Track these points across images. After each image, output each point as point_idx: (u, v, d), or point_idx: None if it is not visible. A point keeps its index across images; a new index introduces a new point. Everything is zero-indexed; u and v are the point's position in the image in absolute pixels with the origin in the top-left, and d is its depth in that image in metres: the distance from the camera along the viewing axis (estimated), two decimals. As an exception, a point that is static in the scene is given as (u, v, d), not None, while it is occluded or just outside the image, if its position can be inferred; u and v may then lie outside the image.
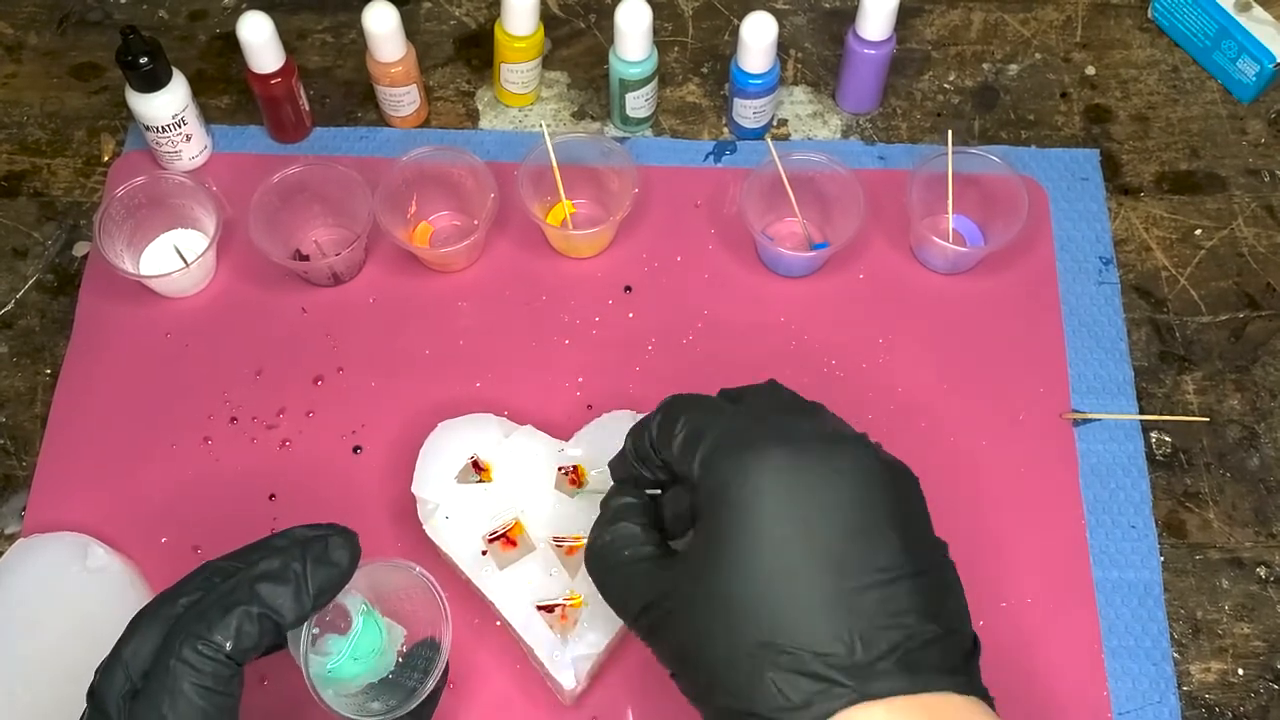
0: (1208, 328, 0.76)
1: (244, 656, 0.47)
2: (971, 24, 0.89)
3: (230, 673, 0.46)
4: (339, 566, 0.49)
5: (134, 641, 0.47)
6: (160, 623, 0.47)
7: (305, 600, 0.48)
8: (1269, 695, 0.66)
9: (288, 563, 0.48)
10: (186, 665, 0.45)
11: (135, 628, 0.47)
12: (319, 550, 0.49)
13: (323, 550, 0.49)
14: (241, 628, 0.46)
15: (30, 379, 0.75)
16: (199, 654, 0.45)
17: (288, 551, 0.48)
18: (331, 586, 0.49)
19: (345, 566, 0.49)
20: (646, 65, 0.78)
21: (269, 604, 0.47)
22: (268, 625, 0.47)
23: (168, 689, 0.45)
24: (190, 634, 0.46)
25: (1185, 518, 0.70)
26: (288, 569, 0.48)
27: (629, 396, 0.73)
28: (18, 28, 0.89)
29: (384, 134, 0.83)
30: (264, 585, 0.47)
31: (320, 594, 0.48)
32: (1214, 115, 0.84)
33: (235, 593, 0.47)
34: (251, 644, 0.46)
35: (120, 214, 0.75)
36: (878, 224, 0.78)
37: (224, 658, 0.46)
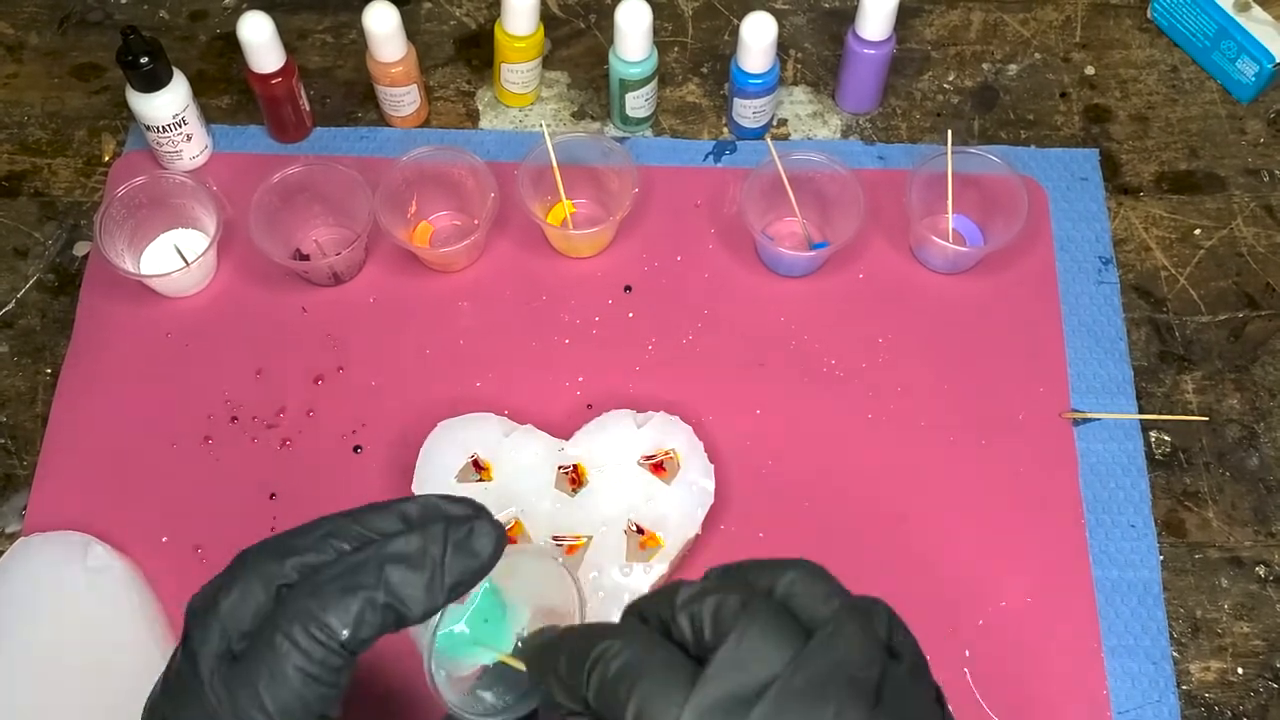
0: (1207, 327, 0.76)
1: (360, 647, 0.41)
2: (971, 24, 0.89)
3: (341, 663, 0.41)
4: (480, 558, 0.43)
5: (235, 595, 0.41)
6: (266, 581, 0.42)
7: (438, 593, 0.42)
8: (1268, 694, 0.66)
9: (426, 546, 0.42)
10: (296, 647, 0.40)
11: (235, 579, 0.42)
12: (461, 536, 0.42)
13: (466, 537, 0.42)
14: (363, 616, 0.40)
15: (31, 378, 0.75)
16: (311, 637, 0.40)
17: (426, 532, 0.42)
18: (470, 580, 0.42)
19: (487, 559, 0.43)
20: (646, 65, 0.78)
21: (398, 593, 0.41)
22: (391, 617, 0.41)
23: (269, 667, 0.40)
24: (304, 612, 0.40)
25: (1185, 517, 0.70)
26: (425, 554, 0.42)
27: (629, 396, 0.73)
28: (19, 28, 0.89)
29: (384, 134, 0.83)
30: (395, 570, 0.41)
31: (456, 587, 0.42)
32: (1213, 115, 0.85)
33: (361, 572, 0.41)
34: (371, 634, 0.41)
35: (121, 214, 0.75)
36: (877, 224, 0.78)
37: (338, 646, 0.40)
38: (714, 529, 0.68)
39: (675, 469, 0.66)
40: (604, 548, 0.64)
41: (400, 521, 0.43)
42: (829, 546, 0.68)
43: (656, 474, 0.66)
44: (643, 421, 0.68)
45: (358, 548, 0.42)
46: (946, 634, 0.66)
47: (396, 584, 0.41)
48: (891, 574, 0.68)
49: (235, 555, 0.43)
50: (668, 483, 0.66)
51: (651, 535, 0.64)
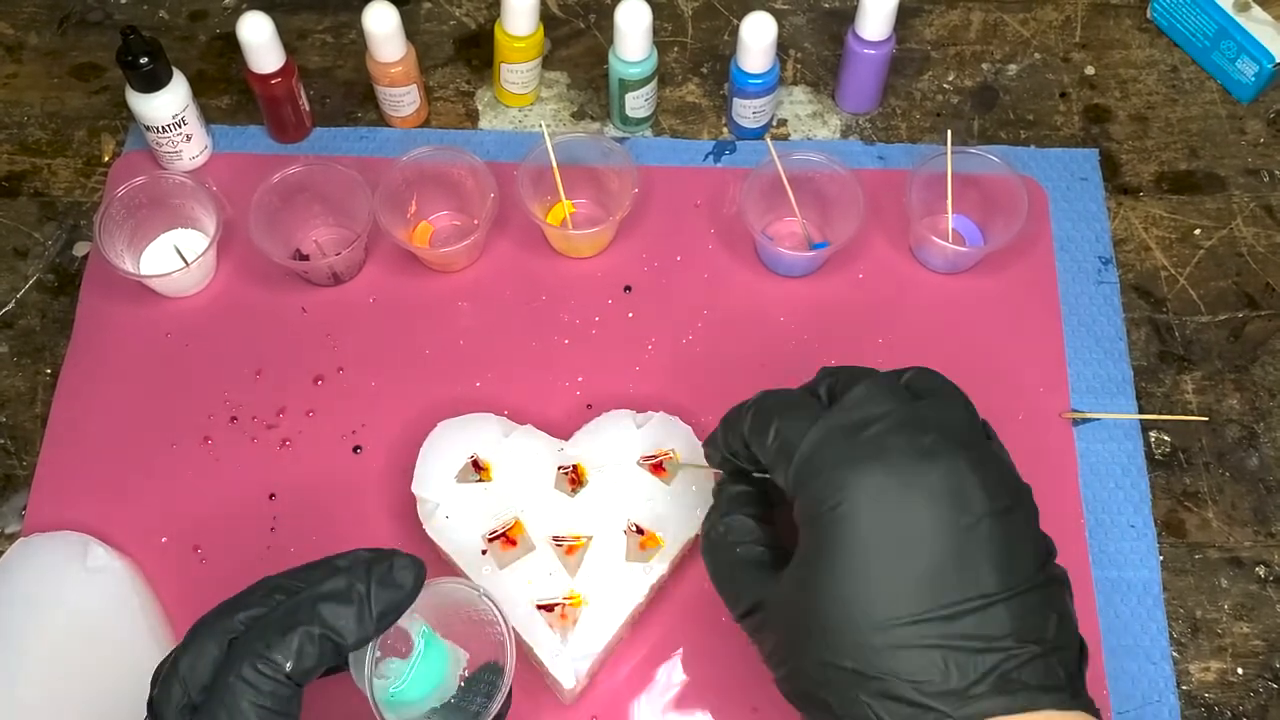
0: (1207, 327, 0.76)
1: (304, 677, 0.46)
2: (971, 24, 0.89)
3: (290, 693, 0.46)
4: (403, 589, 0.48)
5: (191, 654, 0.46)
6: (218, 637, 0.47)
7: (368, 622, 0.47)
8: (1268, 694, 0.66)
9: (351, 583, 0.47)
10: (246, 684, 0.45)
11: (192, 640, 0.47)
12: (383, 571, 0.48)
13: (387, 571, 0.48)
14: (303, 648, 0.46)
15: (30, 379, 0.75)
16: (259, 673, 0.45)
17: (351, 571, 0.48)
18: (395, 608, 0.48)
19: (409, 588, 0.48)
20: (646, 65, 0.78)
21: (331, 625, 0.46)
22: (328, 647, 0.46)
23: (226, 707, 0.45)
24: (250, 652, 0.45)
25: (1184, 517, 0.70)
26: (351, 589, 0.47)
27: (629, 396, 0.73)
28: (18, 28, 0.89)
29: (384, 134, 0.83)
30: (326, 605, 0.47)
31: (384, 616, 0.48)
32: (1213, 115, 0.85)
33: (297, 612, 0.46)
34: (312, 664, 0.46)
35: (120, 214, 0.75)
36: (877, 224, 0.78)
37: (284, 678, 0.45)
38: (714, 529, 0.68)
39: (675, 469, 0.66)
40: (604, 548, 0.63)
41: (331, 570, 0.49)
42: (829, 546, 0.68)
43: (656, 474, 0.66)
44: (642, 421, 0.68)
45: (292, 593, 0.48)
46: (946, 634, 0.66)
47: (328, 617, 0.46)
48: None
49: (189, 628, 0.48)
50: (667, 483, 0.66)
51: (651, 535, 0.64)
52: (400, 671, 0.50)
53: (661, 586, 0.65)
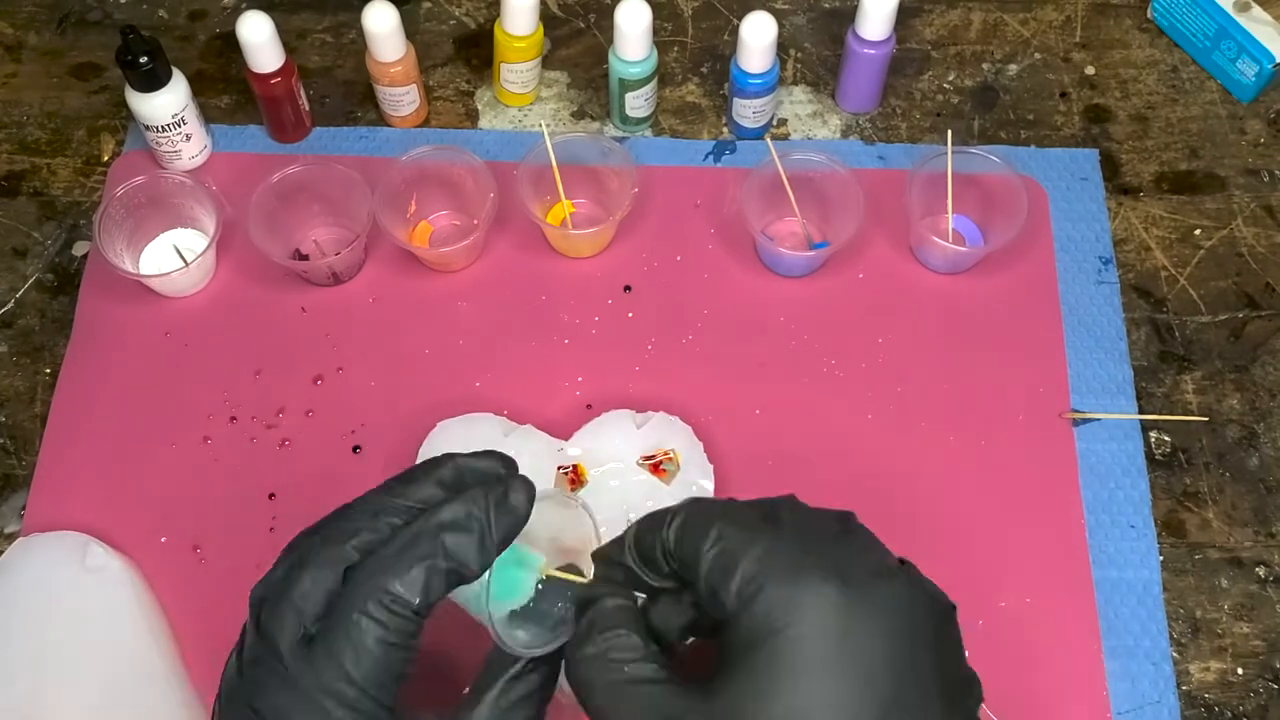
0: (1207, 327, 0.76)
1: (428, 611, 0.45)
2: (971, 24, 0.89)
3: (415, 627, 0.45)
4: (518, 514, 0.47)
5: (304, 582, 0.45)
6: (329, 565, 0.45)
7: (490, 550, 0.46)
8: (1268, 695, 0.66)
9: (471, 511, 0.46)
10: (373, 620, 0.44)
11: (305, 566, 0.46)
12: (500, 495, 0.47)
13: (504, 496, 0.47)
14: (430, 582, 0.45)
15: (30, 378, 0.75)
16: (386, 609, 0.44)
17: (469, 497, 0.47)
18: (513, 533, 0.47)
19: (524, 511, 0.47)
20: (646, 65, 0.78)
21: (456, 557, 0.45)
22: (453, 579, 0.46)
23: (352, 642, 0.44)
24: (376, 587, 0.44)
25: (1184, 517, 0.70)
26: (472, 518, 0.46)
27: (629, 396, 0.73)
28: (18, 27, 0.89)
29: (384, 134, 0.83)
30: (450, 536, 0.45)
31: (503, 542, 0.47)
32: (1213, 115, 0.84)
33: (420, 543, 0.45)
34: (438, 597, 0.45)
35: (120, 213, 0.75)
36: (877, 224, 0.78)
37: (411, 613, 0.45)
38: (714, 529, 0.68)
39: (675, 469, 0.66)
40: (604, 548, 0.63)
41: (439, 488, 0.48)
42: (829, 547, 0.68)
43: (656, 474, 0.66)
44: (642, 421, 0.68)
45: (408, 521, 0.46)
46: (946, 634, 0.66)
47: (453, 549, 0.45)
48: (891, 574, 0.68)
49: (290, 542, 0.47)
50: (667, 483, 0.65)
51: (651, 535, 0.64)
52: None
53: (661, 587, 0.65)
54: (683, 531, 0.45)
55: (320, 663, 0.44)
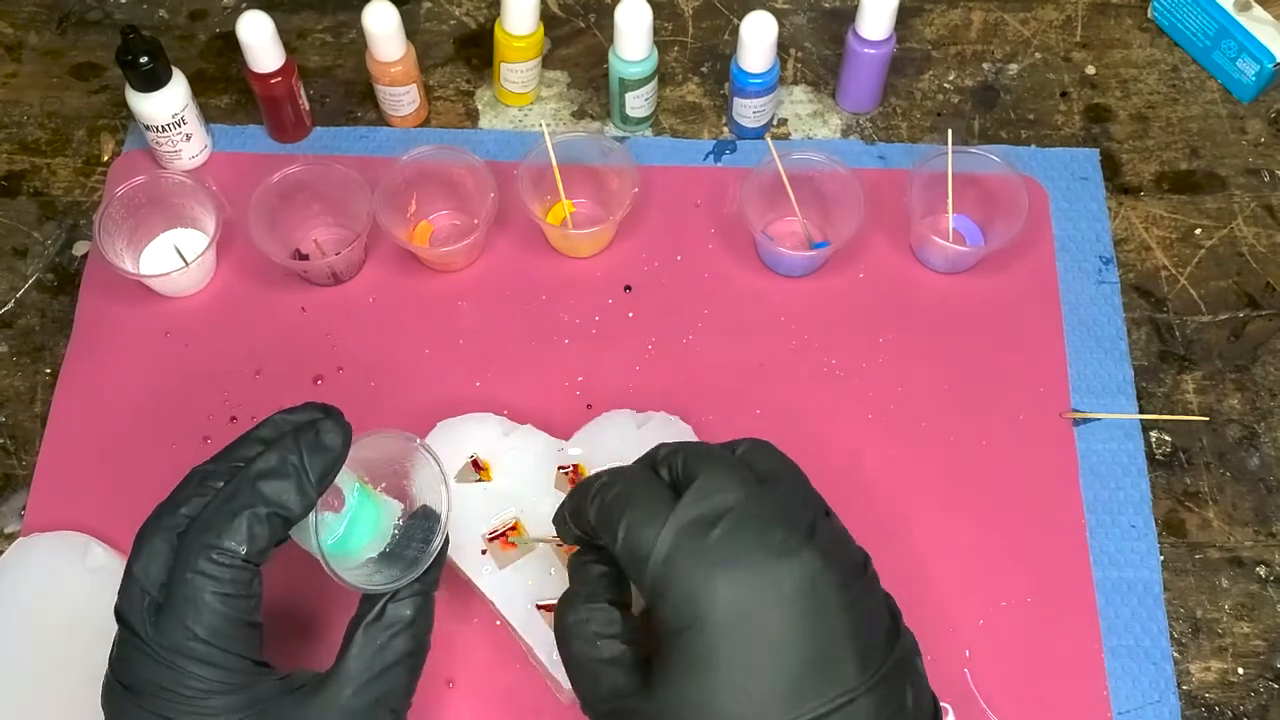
0: (1207, 327, 0.76)
1: (260, 557, 0.47)
2: (971, 23, 0.89)
3: (249, 575, 0.47)
4: (333, 450, 0.49)
5: (143, 557, 0.48)
6: (164, 534, 0.48)
7: (309, 490, 0.48)
8: (1269, 694, 0.66)
9: (284, 456, 0.48)
10: (205, 576, 0.46)
11: (140, 543, 0.48)
12: (311, 437, 0.49)
13: (315, 436, 0.49)
14: (253, 529, 0.47)
15: (30, 378, 0.75)
16: (215, 563, 0.46)
17: (281, 444, 0.49)
18: (330, 471, 0.49)
19: (339, 449, 0.49)
20: (646, 65, 0.78)
21: (275, 501, 0.47)
22: (277, 523, 0.47)
23: (190, 601, 0.46)
24: (202, 544, 0.46)
25: (1185, 517, 0.70)
26: (285, 463, 0.48)
27: (629, 396, 0.73)
28: (18, 27, 0.89)
29: (384, 133, 0.83)
30: (266, 483, 0.47)
31: (321, 480, 0.49)
32: (1214, 115, 0.84)
33: (239, 496, 0.47)
34: (265, 544, 0.47)
35: (120, 213, 0.75)
36: (878, 224, 0.78)
37: (241, 562, 0.46)
38: (714, 529, 0.68)
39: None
40: (604, 548, 0.63)
41: (259, 445, 0.50)
42: (829, 546, 0.68)
43: (656, 474, 0.66)
44: (643, 421, 0.68)
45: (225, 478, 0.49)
46: (946, 634, 0.66)
47: (270, 494, 0.47)
48: (891, 574, 0.68)
49: None
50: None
51: (651, 535, 0.64)
52: (334, 525, 0.51)
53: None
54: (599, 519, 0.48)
55: (167, 626, 0.46)
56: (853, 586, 0.46)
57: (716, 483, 0.47)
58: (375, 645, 0.50)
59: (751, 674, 0.44)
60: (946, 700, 0.64)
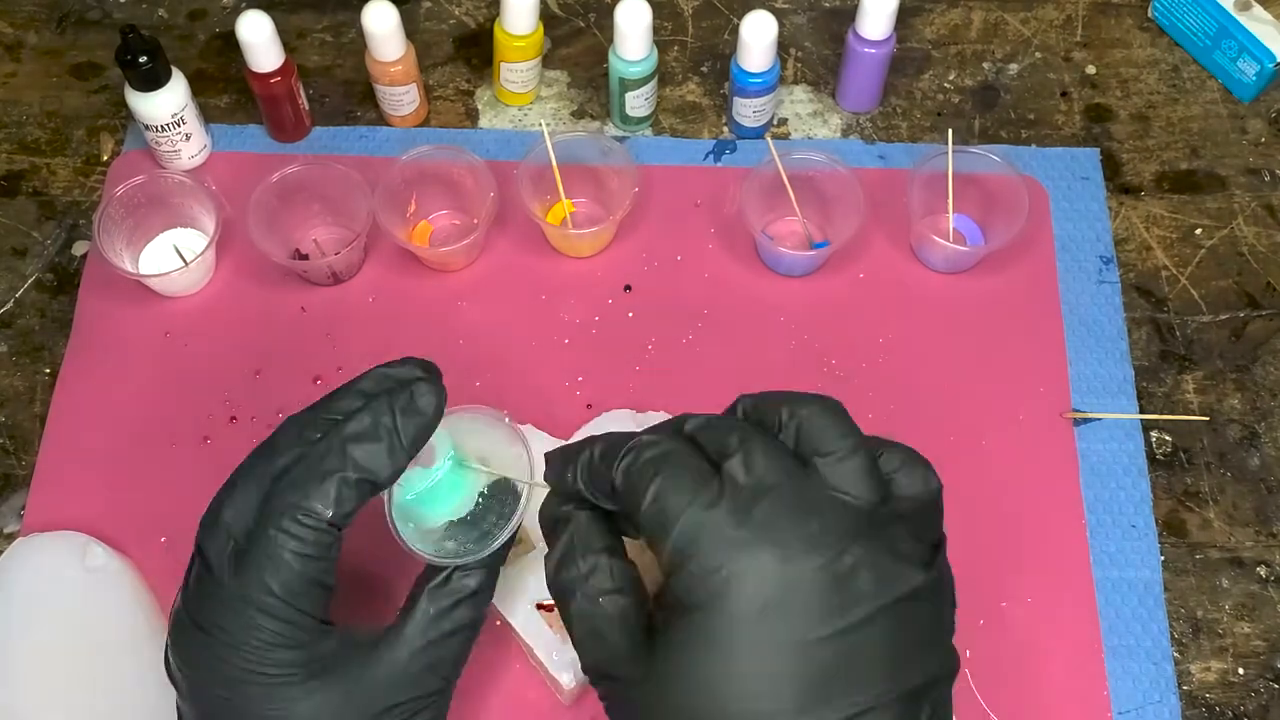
0: (1208, 327, 0.76)
1: (345, 520, 0.47)
2: (972, 23, 0.89)
3: (331, 539, 0.47)
4: (426, 415, 0.49)
5: (234, 503, 0.48)
6: (257, 482, 0.48)
7: (400, 455, 0.48)
8: (1269, 695, 0.66)
9: (377, 419, 0.48)
10: (287, 535, 0.46)
11: (232, 488, 0.49)
12: (405, 400, 0.49)
13: (409, 400, 0.49)
14: (341, 494, 0.47)
15: (29, 378, 0.75)
16: (300, 524, 0.46)
17: (375, 405, 0.48)
18: (422, 436, 0.49)
19: (433, 413, 0.49)
20: (646, 64, 0.78)
21: (365, 466, 0.47)
22: (365, 488, 0.47)
23: (270, 557, 0.46)
24: (289, 504, 0.46)
25: (1185, 517, 0.70)
26: (378, 426, 0.48)
27: (629, 396, 0.73)
28: (17, 27, 0.89)
29: (383, 133, 0.83)
30: (357, 447, 0.47)
31: (413, 446, 0.48)
32: (1214, 114, 0.84)
33: (329, 457, 0.47)
34: (351, 508, 0.47)
35: (119, 213, 0.75)
36: (878, 223, 0.78)
37: (325, 525, 0.47)
38: (714, 529, 0.68)
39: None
40: (604, 548, 0.63)
41: (359, 398, 0.50)
42: (829, 547, 0.68)
43: (656, 474, 0.66)
44: (643, 421, 0.68)
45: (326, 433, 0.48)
46: (947, 634, 0.66)
47: (361, 459, 0.47)
48: (892, 574, 0.68)
49: None
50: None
51: (651, 535, 0.64)
52: (422, 481, 0.50)
53: (661, 587, 0.65)
54: (626, 478, 0.43)
55: (246, 576, 0.46)
56: (902, 586, 0.41)
57: (752, 464, 0.42)
58: (438, 612, 0.50)
59: (766, 670, 0.39)
60: (947, 700, 0.65)
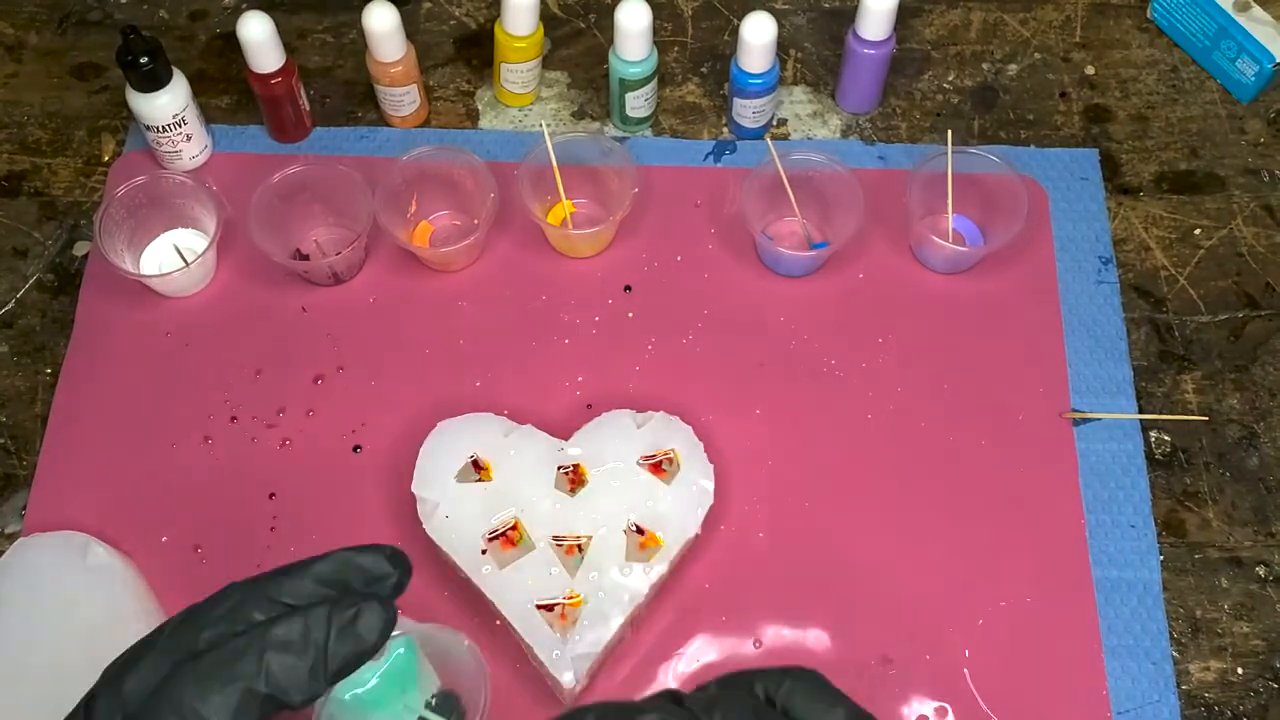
0: (1207, 327, 0.76)
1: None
2: (971, 24, 0.89)
3: None
4: (364, 643, 0.42)
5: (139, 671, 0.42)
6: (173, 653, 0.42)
7: (320, 680, 0.41)
8: (1268, 694, 0.66)
9: (309, 631, 0.41)
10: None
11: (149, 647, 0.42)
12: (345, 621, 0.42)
13: (350, 621, 0.42)
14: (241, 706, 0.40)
15: (31, 378, 0.75)
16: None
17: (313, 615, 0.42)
18: (352, 665, 0.42)
19: (372, 644, 0.42)
20: (646, 65, 0.78)
21: (278, 682, 0.40)
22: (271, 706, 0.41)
23: None
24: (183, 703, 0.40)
25: (1184, 517, 0.70)
26: (308, 640, 0.41)
27: (629, 396, 0.73)
28: (18, 28, 0.89)
29: (384, 134, 0.83)
30: (277, 657, 0.41)
31: (339, 674, 0.42)
32: (1213, 115, 0.84)
33: (244, 659, 0.41)
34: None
35: (121, 214, 0.75)
36: (878, 224, 0.78)
37: None
38: (714, 529, 0.68)
39: (675, 469, 0.66)
40: (604, 548, 0.64)
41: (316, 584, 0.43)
42: (828, 546, 0.68)
43: (656, 474, 0.66)
44: (642, 421, 0.68)
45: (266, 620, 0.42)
46: (946, 634, 0.66)
47: (277, 672, 0.40)
48: (891, 574, 0.68)
49: None
50: (667, 483, 0.66)
51: (651, 535, 0.64)
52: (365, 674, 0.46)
53: (661, 586, 0.65)
54: None
55: None
56: None
57: None
58: None
59: None
60: (946, 700, 0.65)
